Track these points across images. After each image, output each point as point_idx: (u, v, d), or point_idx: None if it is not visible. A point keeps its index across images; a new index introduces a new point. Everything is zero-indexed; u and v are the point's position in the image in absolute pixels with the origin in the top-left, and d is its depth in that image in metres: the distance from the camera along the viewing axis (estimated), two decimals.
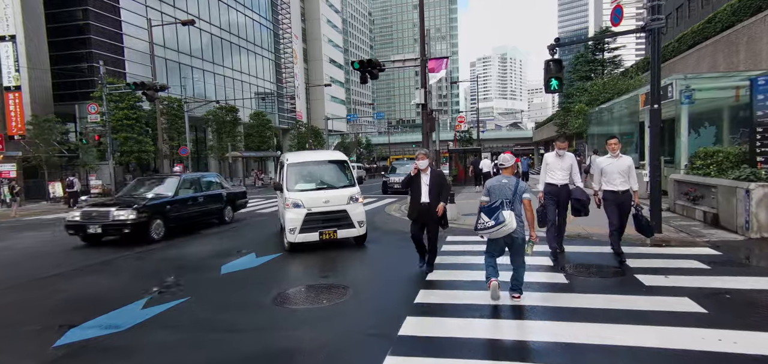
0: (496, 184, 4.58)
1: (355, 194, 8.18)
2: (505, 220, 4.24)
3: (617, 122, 14.87)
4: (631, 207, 6.12)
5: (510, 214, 4.28)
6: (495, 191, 4.52)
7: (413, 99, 14.83)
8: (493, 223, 4.28)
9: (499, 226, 4.27)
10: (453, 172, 25.74)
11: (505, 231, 4.29)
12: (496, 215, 4.28)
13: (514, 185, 4.48)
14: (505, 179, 4.55)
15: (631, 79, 18.55)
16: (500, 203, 4.36)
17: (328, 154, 9.42)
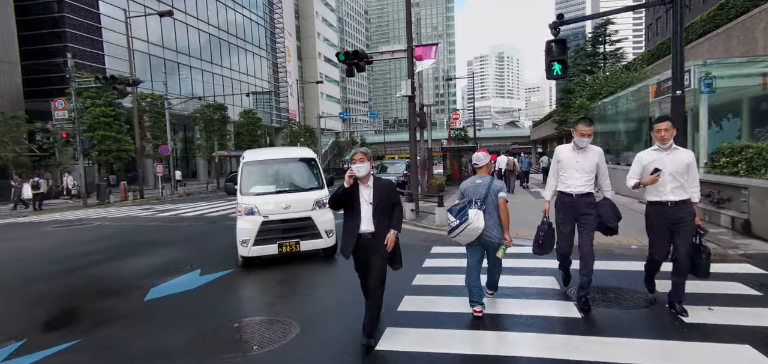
0: (470, 185, 4.27)
1: (322, 198, 6.87)
2: (469, 218, 3.96)
3: (623, 117, 13.63)
4: (689, 229, 3.98)
5: (476, 212, 3.99)
6: (468, 191, 4.24)
7: (399, 90, 13.92)
8: (457, 222, 4.03)
9: (463, 225, 3.99)
10: (447, 172, 24.53)
11: (472, 231, 4.01)
12: (462, 214, 4.02)
13: (488, 184, 4.18)
14: (480, 179, 4.25)
15: (636, 72, 17.33)
16: (469, 202, 4.09)
17: (292, 152, 8.11)
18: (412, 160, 12.00)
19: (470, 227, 3.97)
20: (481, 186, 4.16)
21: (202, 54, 44.95)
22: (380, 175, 21.78)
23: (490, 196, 4.11)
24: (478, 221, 3.97)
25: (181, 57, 42.11)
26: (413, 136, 12.01)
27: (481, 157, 4.40)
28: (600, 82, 19.51)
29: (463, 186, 4.32)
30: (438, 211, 9.72)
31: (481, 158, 4.39)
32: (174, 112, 39.25)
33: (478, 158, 4.40)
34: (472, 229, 3.98)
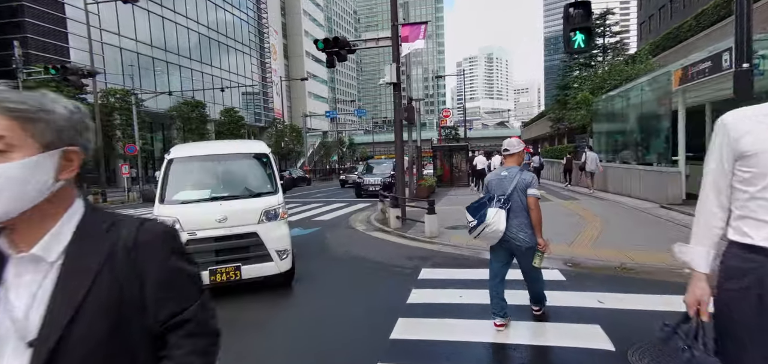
0: (495, 178, 3.69)
1: (274, 207, 5.12)
2: (487, 218, 3.41)
3: (636, 111, 12.12)
4: None
5: (495, 212, 3.41)
6: (492, 185, 3.66)
7: (382, 77, 12.46)
8: (475, 222, 3.50)
9: (481, 226, 3.46)
10: (438, 172, 22.89)
11: (491, 233, 3.45)
12: (481, 214, 3.47)
13: (515, 177, 3.51)
14: (506, 171, 3.61)
15: (642, 64, 15.95)
16: (489, 199, 3.51)
17: (237, 146, 6.30)
18: (398, 160, 10.30)
19: (489, 230, 3.44)
20: (506, 180, 3.54)
21: (180, 49, 42.76)
22: (365, 176, 20.07)
23: (516, 192, 3.48)
24: (498, 223, 3.39)
25: (157, 52, 39.89)
26: (399, 131, 10.31)
27: (513, 142, 3.71)
28: (602, 75, 18.06)
29: (488, 179, 3.79)
30: (428, 220, 8.02)
31: (513, 144, 3.69)
32: (150, 110, 37.17)
33: (509, 144, 3.70)
34: (491, 231, 3.44)
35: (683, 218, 8.42)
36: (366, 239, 8.37)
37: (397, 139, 10.30)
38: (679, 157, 9.91)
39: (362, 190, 18.61)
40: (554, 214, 9.68)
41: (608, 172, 14.04)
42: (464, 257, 6.43)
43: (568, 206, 11.28)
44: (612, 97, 14.34)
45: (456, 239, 7.63)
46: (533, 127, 55.94)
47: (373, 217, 11.11)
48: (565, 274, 5.20)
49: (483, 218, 3.43)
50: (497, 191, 3.55)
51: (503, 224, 3.40)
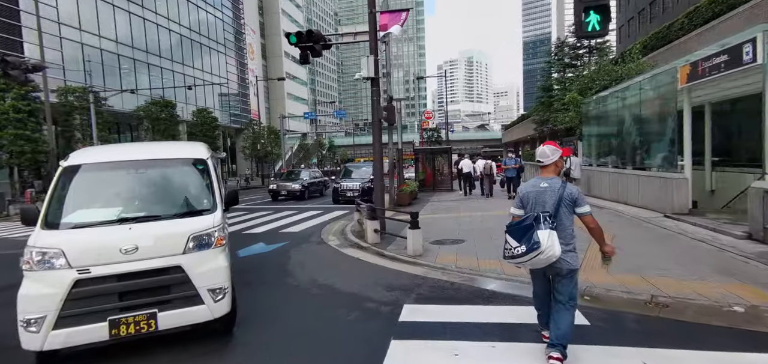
0: (532, 190, 3.09)
1: (206, 230, 3.83)
2: (542, 245, 2.83)
3: (633, 112, 11.24)
4: None
5: (548, 234, 2.85)
6: (530, 199, 3.07)
7: (359, 72, 11.62)
8: (524, 248, 2.87)
9: (532, 253, 2.85)
10: (420, 176, 21.78)
11: (544, 260, 2.88)
12: (528, 237, 2.86)
13: (558, 190, 2.98)
14: (545, 182, 3.05)
15: (633, 64, 15.22)
16: (535, 219, 2.89)
17: (161, 149, 4.85)
18: (377, 164, 9.09)
19: (543, 256, 2.85)
20: (547, 193, 3.02)
21: (149, 47, 40.52)
22: (343, 181, 18.79)
23: (562, 208, 2.97)
24: (554, 247, 2.85)
25: (123, 49, 37.59)
26: (378, 132, 9.09)
27: (546, 151, 3.14)
28: (589, 75, 17.30)
29: (523, 191, 3.19)
30: (411, 236, 6.82)
31: (546, 154, 3.13)
32: (115, 110, 34.91)
33: (542, 154, 3.15)
34: (545, 258, 2.86)
35: (696, 231, 7.48)
36: (338, 258, 7.12)
37: (376, 141, 9.08)
38: (685, 162, 9.03)
39: (340, 196, 17.32)
40: None
41: (600, 178, 13.18)
42: (455, 285, 5.26)
43: None
44: (604, 98, 13.49)
45: (444, 259, 6.46)
46: (514, 130, 55.67)
47: (350, 228, 9.86)
48: (587, 314, 4.08)
49: (536, 244, 2.85)
50: (538, 206, 3.03)
51: (558, 248, 2.90)
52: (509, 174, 14.56)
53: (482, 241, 7.73)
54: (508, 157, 14.36)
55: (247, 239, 9.31)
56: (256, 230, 10.35)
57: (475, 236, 8.21)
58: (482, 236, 8.17)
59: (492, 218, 10.45)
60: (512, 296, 4.74)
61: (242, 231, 10.34)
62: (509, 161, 14.52)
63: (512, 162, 14.52)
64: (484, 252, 6.81)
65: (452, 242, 7.81)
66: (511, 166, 14.34)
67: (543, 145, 3.27)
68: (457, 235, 8.50)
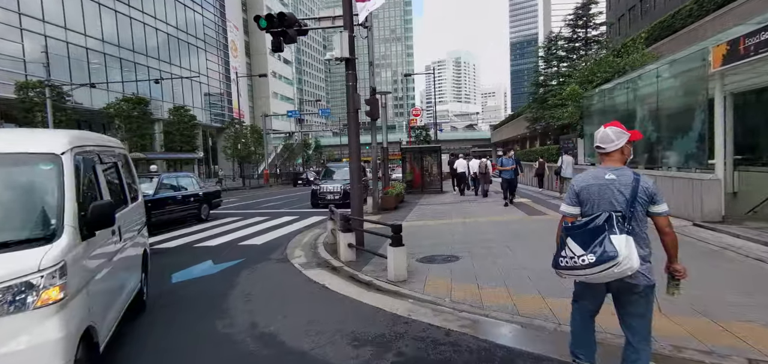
0: (593, 182, 2.36)
1: (21, 275, 2.19)
2: (617, 253, 2.11)
3: (646, 104, 9.89)
4: None
5: (625, 241, 2.15)
6: (591, 195, 2.34)
7: (330, 51, 10.25)
8: (592, 258, 2.14)
9: (604, 266, 2.12)
10: (407, 177, 20.29)
11: (617, 274, 2.15)
12: (600, 244, 2.14)
13: (632, 185, 2.26)
14: (612, 174, 2.32)
15: (637, 54, 13.99)
16: (605, 221, 2.19)
17: None
18: (353, 164, 7.53)
19: (617, 270, 2.12)
20: (615, 187, 2.28)
21: (122, 42, 38.28)
22: (323, 182, 17.19)
23: (636, 206, 2.23)
24: (631, 258, 2.13)
25: (93, 43, 35.36)
26: (354, 126, 7.51)
27: (609, 134, 2.37)
28: (589, 67, 16.03)
29: (580, 184, 2.40)
30: (393, 255, 5.28)
31: (610, 137, 2.37)
32: (83, 107, 32.72)
33: (604, 138, 2.39)
34: (619, 272, 2.13)
35: (744, 246, 6.07)
36: (298, 285, 5.53)
37: (352, 137, 7.52)
38: (717, 160, 7.66)
39: (319, 199, 15.72)
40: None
41: None
42: (451, 336, 3.71)
43: None
44: (610, 90, 12.16)
45: (435, 286, 4.94)
46: (504, 129, 54.66)
47: (322, 239, 8.29)
48: None
49: (611, 255, 2.08)
50: (602, 203, 2.27)
51: (637, 258, 2.14)
52: (506, 175, 12.56)
53: (482, 257, 6.24)
54: (504, 157, 12.67)
55: (195, 255, 7.68)
56: (211, 243, 8.71)
57: (473, 250, 6.72)
58: (481, 251, 6.68)
59: (490, 227, 8.98)
60: (537, 359, 3.24)
61: (193, 244, 8.68)
62: (506, 161, 12.54)
63: (510, 162, 12.54)
64: (487, 274, 5.32)
65: (445, 259, 6.31)
66: (507, 167, 12.40)
67: (604, 126, 2.44)
68: (450, 248, 7.01)
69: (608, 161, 2.39)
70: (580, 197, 2.40)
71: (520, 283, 4.94)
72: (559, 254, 2.35)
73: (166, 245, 8.68)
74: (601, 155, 2.43)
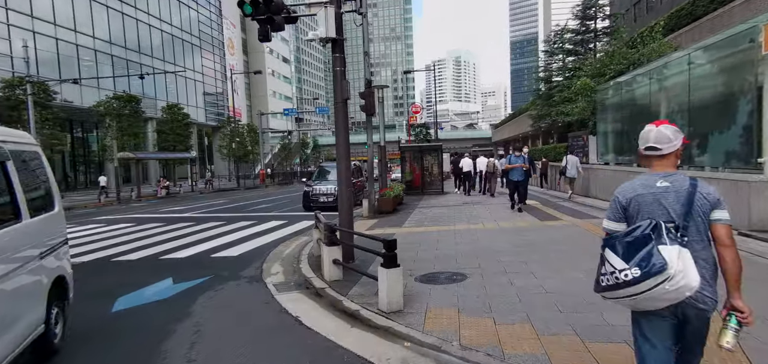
0: (644, 192, 1.97)
1: None
2: (669, 267, 1.73)
3: (674, 95, 8.79)
4: None
5: (678, 252, 1.76)
6: (641, 206, 1.97)
7: (312, 30, 9.16)
8: (636, 272, 1.78)
9: (651, 281, 1.75)
10: (407, 177, 19.21)
11: (671, 293, 1.77)
12: (644, 256, 1.78)
13: (689, 191, 1.90)
14: (665, 181, 1.95)
15: (655, 44, 12.91)
16: (652, 229, 1.82)
17: None
18: (341, 164, 6.42)
19: (670, 286, 1.74)
20: (669, 195, 1.92)
21: (112, 37, 37.19)
22: (316, 184, 16.09)
23: (694, 217, 1.86)
24: (688, 274, 1.76)
25: (84, 39, 34.30)
26: (342, 117, 6.41)
27: (667, 134, 1.97)
28: (601, 59, 14.92)
29: (626, 194, 2.02)
30: (385, 278, 4.17)
31: (667, 137, 1.96)
32: (73, 106, 31.73)
33: (660, 137, 1.96)
34: (673, 290, 1.75)
35: None
36: (265, 318, 4.41)
37: (340, 133, 6.42)
38: (766, 159, 6.55)
39: (311, 201, 14.64)
40: (590, 251, 6.14)
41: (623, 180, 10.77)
42: None
43: (597, 233, 7.76)
44: (628, 82, 11.05)
45: (438, 320, 3.84)
46: (505, 128, 53.54)
47: (308, 251, 7.20)
48: None
49: (659, 267, 1.71)
50: (656, 213, 1.90)
51: (695, 275, 1.76)
52: (515, 177, 10.94)
53: (494, 276, 5.15)
54: (513, 154, 11.39)
55: (157, 270, 6.58)
56: (179, 254, 7.61)
57: (482, 265, 5.62)
58: (492, 266, 5.59)
59: (499, 235, 7.88)
60: None
61: (159, 256, 7.57)
62: (515, 159, 10.99)
63: (519, 160, 10.96)
64: (503, 302, 4.22)
65: (449, 277, 5.22)
66: (517, 165, 10.82)
67: (656, 124, 2.00)
68: (455, 262, 5.92)
69: (661, 166, 2.01)
70: (628, 211, 2.00)
71: (547, 315, 3.85)
72: (599, 272, 1.95)
73: (127, 257, 7.58)
74: (653, 158, 2.03)
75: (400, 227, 9.53)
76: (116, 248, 8.41)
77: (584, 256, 5.94)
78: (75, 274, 6.49)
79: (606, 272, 1.88)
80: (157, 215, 14.51)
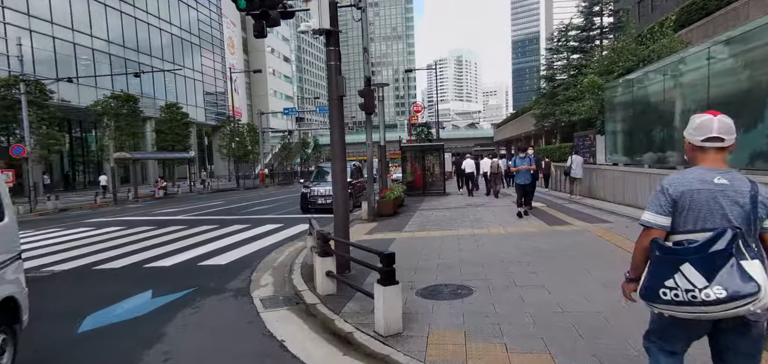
0: (700, 188, 1.77)
1: None
2: (759, 287, 1.60)
3: (692, 90, 8.27)
4: None
5: (759, 267, 1.65)
6: (698, 204, 1.77)
7: (306, 23, 8.77)
8: (721, 293, 1.62)
9: (740, 301, 1.61)
10: (408, 178, 18.74)
11: (750, 310, 1.65)
12: (729, 272, 1.63)
13: (750, 193, 1.73)
14: (723, 178, 1.76)
15: (666, 40, 12.40)
16: (730, 242, 1.65)
17: None
18: (337, 165, 5.96)
19: (758, 305, 1.62)
20: (728, 194, 1.74)
21: (110, 35, 36.80)
22: (314, 185, 15.60)
23: (754, 221, 1.72)
24: None
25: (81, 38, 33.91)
26: (337, 114, 5.94)
27: (730, 124, 1.80)
28: (609, 56, 14.42)
29: (679, 186, 1.79)
30: (382, 297, 3.69)
31: (731, 127, 1.79)
32: (71, 105, 31.37)
33: (726, 127, 1.79)
34: (755, 308, 1.63)
35: None
36: (245, 345, 3.93)
37: (334, 132, 5.94)
38: None
39: (309, 203, 14.18)
40: (606, 260, 5.66)
41: (634, 182, 10.26)
42: None
43: (610, 239, 7.28)
44: (640, 79, 10.54)
45: (441, 347, 3.37)
46: (507, 128, 52.96)
47: (302, 257, 6.73)
48: None
49: (747, 290, 1.58)
50: (714, 218, 1.72)
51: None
52: (521, 180, 9.99)
53: (502, 290, 4.68)
54: (519, 155, 10.78)
55: (139, 280, 6.12)
56: (165, 262, 7.15)
57: (489, 277, 5.15)
58: (500, 278, 5.12)
59: (505, 241, 7.39)
60: None
61: (144, 263, 7.11)
62: (520, 161, 10.02)
63: (525, 161, 10.00)
64: (514, 323, 3.75)
65: (454, 292, 4.75)
66: (523, 167, 9.95)
67: (713, 114, 1.79)
68: (459, 272, 5.45)
69: (717, 160, 1.81)
70: (677, 205, 1.79)
71: (566, 341, 3.37)
72: (657, 283, 1.75)
73: (110, 265, 7.12)
74: (709, 152, 1.82)
75: (401, 231, 9.06)
76: (101, 255, 7.96)
77: (600, 265, 5.46)
78: (49, 285, 6.10)
79: (677, 286, 1.68)
80: (150, 218, 14.07)
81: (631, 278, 1.97)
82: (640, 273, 1.87)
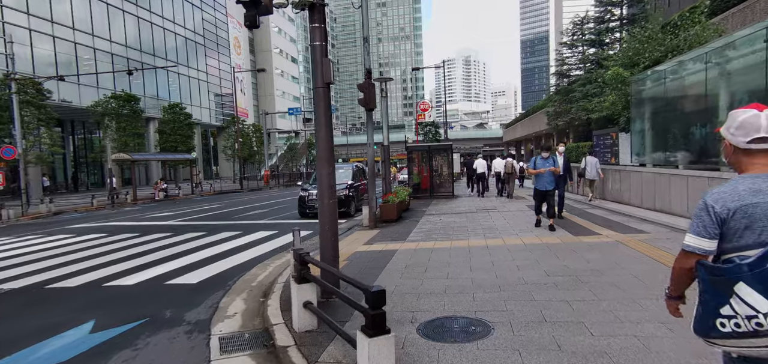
0: (758, 200, 1.47)
1: None
2: None
3: (739, 81, 7.12)
4: None
5: None
6: (757, 218, 1.47)
7: None
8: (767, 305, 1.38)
9: None
10: (415, 179, 17.70)
11: None
12: None
13: None
14: None
15: (698, 27, 11.21)
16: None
17: None
18: (323, 169, 4.91)
19: None
20: None
21: (112, 34, 36.26)
22: (312, 188, 14.56)
23: None
24: None
25: (82, 37, 33.38)
26: (323, 105, 4.91)
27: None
28: (635, 47, 13.21)
29: (731, 202, 1.50)
30: (366, 351, 2.63)
31: None
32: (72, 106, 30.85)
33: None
34: None
35: None
36: None
37: (320, 128, 4.91)
38: None
39: (307, 207, 13.17)
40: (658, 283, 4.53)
41: (664, 184, 9.09)
42: None
43: (654, 255, 6.16)
44: (674, 69, 9.35)
45: None
46: (518, 127, 51.59)
47: (284, 279, 5.70)
48: None
49: None
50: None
51: None
52: (542, 186, 8.36)
53: (528, 327, 3.60)
54: (540, 155, 8.53)
55: (90, 303, 5.15)
56: (129, 280, 6.16)
57: (510, 308, 4.08)
58: (524, 309, 4.04)
59: (525, 255, 6.28)
60: None
61: (104, 281, 6.13)
62: (542, 162, 8.36)
63: (547, 164, 8.34)
64: None
65: (465, 329, 3.70)
66: (545, 169, 8.30)
67: (758, 108, 1.52)
68: (471, 300, 4.38)
69: (763, 166, 1.52)
70: (729, 226, 1.49)
71: None
72: (711, 312, 1.49)
73: (66, 283, 6.15)
74: (759, 155, 1.52)
75: (404, 240, 8.01)
76: (63, 269, 7.01)
77: (650, 293, 4.34)
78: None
79: (737, 314, 1.43)
80: (137, 224, 13.17)
81: (673, 296, 1.73)
82: (681, 292, 1.70)
